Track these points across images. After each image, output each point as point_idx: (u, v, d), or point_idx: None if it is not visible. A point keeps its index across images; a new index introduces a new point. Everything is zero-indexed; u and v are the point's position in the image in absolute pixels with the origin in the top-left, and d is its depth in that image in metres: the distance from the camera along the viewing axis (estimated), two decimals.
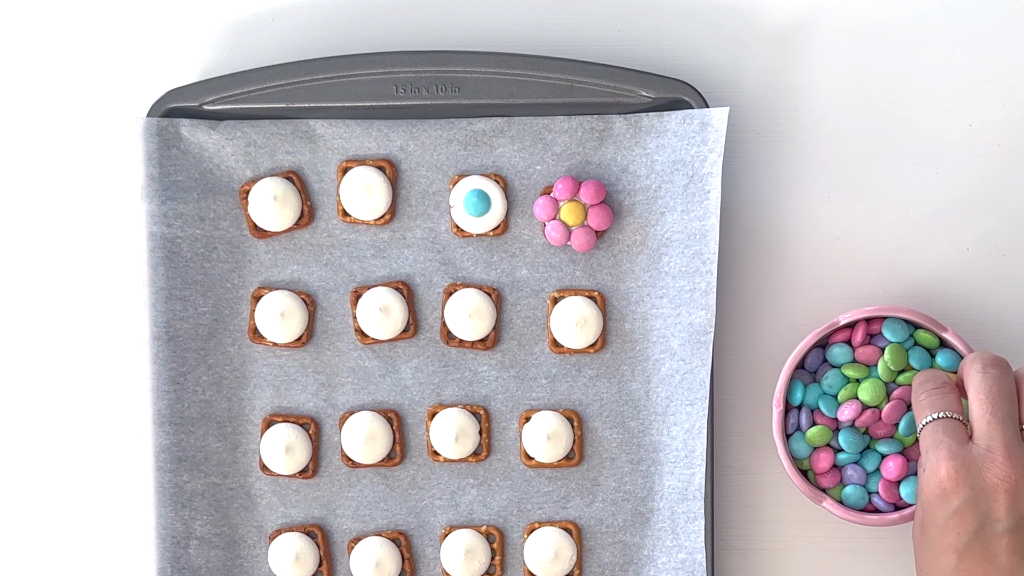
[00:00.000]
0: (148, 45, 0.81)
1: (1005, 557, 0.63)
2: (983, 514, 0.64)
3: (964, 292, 0.79)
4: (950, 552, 0.64)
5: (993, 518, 0.64)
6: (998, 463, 0.64)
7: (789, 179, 0.79)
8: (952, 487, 0.64)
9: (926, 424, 0.68)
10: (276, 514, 0.79)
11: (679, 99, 0.77)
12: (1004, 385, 0.67)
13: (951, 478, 0.64)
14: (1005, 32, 0.79)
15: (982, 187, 0.79)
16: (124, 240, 0.80)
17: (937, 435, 0.66)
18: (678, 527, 0.77)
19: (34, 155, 0.82)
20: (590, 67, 0.77)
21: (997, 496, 0.64)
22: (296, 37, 0.80)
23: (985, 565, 0.64)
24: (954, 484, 0.64)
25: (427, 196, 0.79)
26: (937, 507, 0.65)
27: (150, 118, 0.78)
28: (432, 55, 0.77)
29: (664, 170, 0.77)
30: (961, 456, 0.65)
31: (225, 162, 0.78)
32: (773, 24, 0.80)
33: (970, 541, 0.64)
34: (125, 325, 0.80)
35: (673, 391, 0.77)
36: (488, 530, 0.79)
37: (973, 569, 0.64)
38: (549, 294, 0.79)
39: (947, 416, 0.67)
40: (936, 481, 0.65)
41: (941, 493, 0.65)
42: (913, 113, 0.79)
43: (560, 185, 0.77)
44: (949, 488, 0.64)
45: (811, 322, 0.77)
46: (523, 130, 0.78)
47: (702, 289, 0.76)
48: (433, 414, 0.79)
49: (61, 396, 0.81)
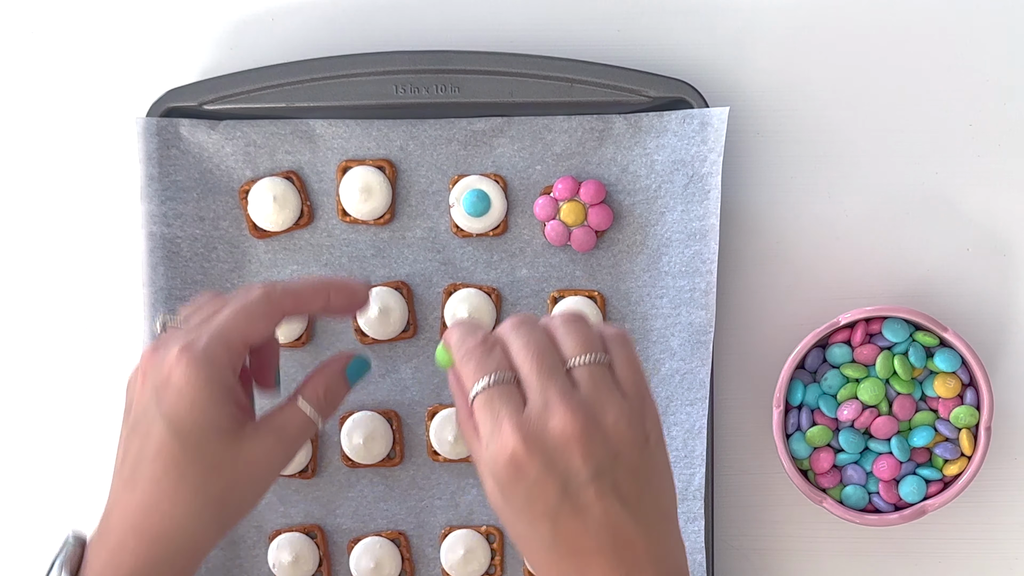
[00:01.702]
0: (148, 45, 0.81)
1: (597, 505, 0.59)
2: (562, 472, 0.59)
3: (964, 292, 0.79)
4: (543, 519, 0.60)
5: (573, 472, 0.59)
6: (559, 414, 0.59)
7: (789, 179, 0.79)
8: (525, 459, 0.59)
9: (479, 393, 0.61)
10: (276, 514, 0.79)
11: (679, 99, 0.77)
12: (539, 338, 0.62)
13: (521, 451, 0.59)
14: (1005, 32, 0.79)
15: (982, 187, 0.79)
16: (124, 240, 0.80)
17: (494, 405, 0.60)
18: None
19: (34, 155, 0.82)
20: (590, 67, 0.77)
21: (569, 449, 0.59)
22: (296, 37, 0.80)
23: (580, 519, 0.59)
24: (526, 456, 0.59)
25: (427, 196, 0.79)
26: (515, 482, 0.60)
27: (150, 118, 0.78)
28: (432, 55, 0.77)
29: (664, 170, 0.77)
30: (523, 425, 0.59)
31: (225, 162, 0.78)
32: (773, 24, 0.80)
33: (559, 503, 0.59)
34: (125, 325, 0.80)
35: (673, 391, 0.77)
36: (488, 530, 0.79)
37: (570, 526, 0.59)
38: (549, 294, 0.79)
39: (499, 381, 0.61)
40: (506, 457, 0.59)
41: (516, 469, 0.59)
42: (913, 113, 0.79)
43: (560, 185, 0.77)
44: (523, 461, 0.59)
45: (811, 322, 0.77)
46: (523, 130, 0.78)
47: (702, 289, 0.76)
48: (433, 414, 0.79)
49: (61, 396, 0.81)
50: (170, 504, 0.64)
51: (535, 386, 0.60)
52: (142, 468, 0.64)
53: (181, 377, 0.64)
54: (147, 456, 0.64)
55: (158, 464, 0.64)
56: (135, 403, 0.66)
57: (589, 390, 0.60)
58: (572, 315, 0.63)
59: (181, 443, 0.64)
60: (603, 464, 0.59)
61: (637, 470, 0.60)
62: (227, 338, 0.65)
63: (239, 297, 0.67)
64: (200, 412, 0.64)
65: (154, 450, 0.64)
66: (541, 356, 0.61)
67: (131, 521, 0.64)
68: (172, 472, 0.64)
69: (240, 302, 0.67)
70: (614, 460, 0.59)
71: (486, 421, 0.61)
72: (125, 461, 0.65)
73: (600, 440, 0.59)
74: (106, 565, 0.64)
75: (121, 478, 0.65)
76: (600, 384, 0.61)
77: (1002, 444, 0.78)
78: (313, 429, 0.69)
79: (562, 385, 0.60)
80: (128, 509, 0.64)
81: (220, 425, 0.64)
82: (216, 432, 0.64)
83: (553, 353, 0.61)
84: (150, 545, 0.64)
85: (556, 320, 0.63)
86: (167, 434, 0.64)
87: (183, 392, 0.64)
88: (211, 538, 0.66)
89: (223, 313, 0.66)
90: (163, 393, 0.64)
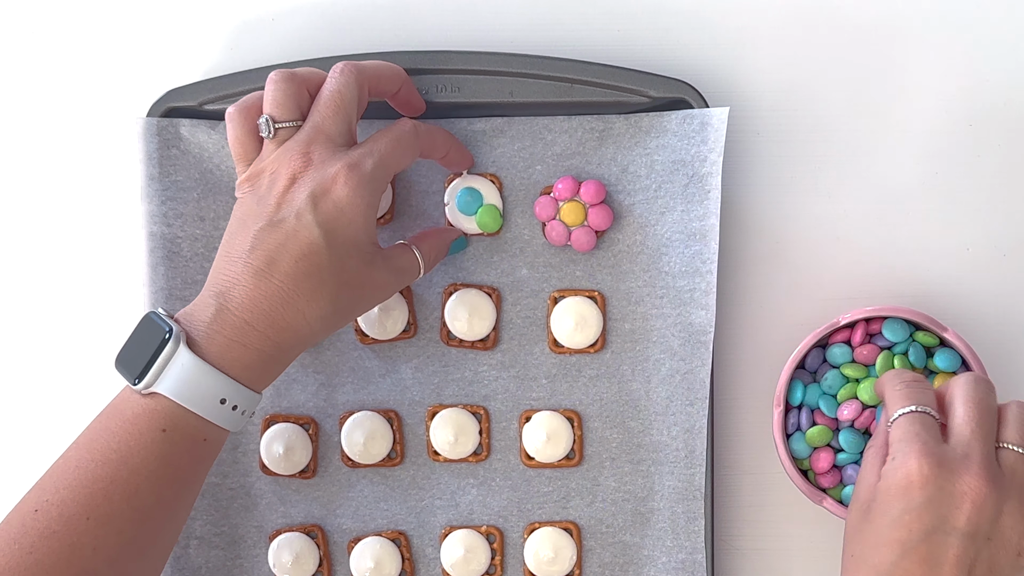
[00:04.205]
0: (148, 45, 0.81)
1: (949, 567, 0.61)
2: (940, 517, 0.61)
3: (964, 292, 0.79)
4: (895, 545, 0.62)
5: (950, 524, 0.61)
6: (972, 472, 0.62)
7: (789, 179, 0.79)
8: (920, 482, 0.62)
9: (902, 414, 0.65)
10: (276, 514, 0.79)
11: (679, 99, 0.77)
12: (992, 402, 0.65)
13: (922, 473, 0.62)
14: (1005, 32, 0.79)
15: (982, 187, 0.79)
16: (124, 240, 0.80)
17: (913, 427, 0.64)
18: (678, 527, 0.77)
19: (35, 155, 0.82)
20: (590, 67, 0.77)
21: (962, 504, 0.61)
22: (296, 37, 0.80)
23: (926, 568, 0.61)
24: (923, 480, 0.62)
25: (427, 196, 0.79)
26: (896, 498, 0.62)
27: (150, 118, 0.78)
28: (432, 55, 0.77)
29: (664, 170, 0.77)
30: (937, 454, 0.62)
31: (225, 162, 0.78)
32: (773, 24, 0.80)
33: (919, 541, 0.61)
34: (125, 325, 0.80)
35: (673, 391, 0.77)
36: (488, 530, 0.79)
37: (913, 569, 0.61)
38: (549, 294, 0.79)
39: (924, 411, 0.65)
40: (904, 472, 0.62)
41: (907, 485, 0.62)
42: (913, 113, 0.79)
43: (560, 185, 0.77)
44: (916, 482, 0.62)
45: (811, 322, 0.77)
46: (523, 130, 0.78)
47: (702, 289, 0.76)
48: (433, 414, 0.79)
49: (61, 397, 0.81)
50: (306, 302, 0.67)
51: (964, 436, 0.63)
52: (282, 262, 0.67)
53: (346, 195, 0.67)
54: (290, 253, 0.67)
55: (303, 264, 0.67)
56: (275, 200, 0.68)
57: (1008, 474, 0.63)
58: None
59: (330, 253, 0.67)
60: (979, 535, 0.61)
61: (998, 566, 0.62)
62: (388, 166, 0.70)
63: (393, 128, 0.71)
64: (353, 231, 0.68)
65: (300, 250, 0.67)
66: (983, 414, 0.64)
67: (263, 307, 0.67)
68: (315, 276, 0.67)
69: (395, 133, 0.71)
70: (987, 541, 0.61)
71: (899, 439, 0.64)
72: (256, 250, 0.67)
73: (989, 518, 0.61)
74: (232, 341, 0.66)
75: (250, 265, 0.67)
76: (1014, 477, 0.63)
77: None
78: (417, 277, 0.74)
79: (989, 451, 0.63)
80: (259, 295, 0.67)
81: (363, 247, 0.69)
82: (358, 252, 0.69)
83: (995, 422, 0.64)
84: (279, 332, 0.67)
85: (1014, 404, 0.66)
86: (321, 241, 0.67)
87: (344, 209, 0.67)
88: (321, 338, 0.70)
89: (382, 141, 0.70)
90: (322, 202, 0.67)
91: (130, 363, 0.67)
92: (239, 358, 0.66)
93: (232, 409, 0.67)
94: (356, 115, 0.71)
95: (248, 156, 0.71)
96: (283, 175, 0.68)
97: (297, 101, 0.70)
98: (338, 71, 0.71)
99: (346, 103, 0.70)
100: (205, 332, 0.66)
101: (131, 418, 0.66)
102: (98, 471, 0.65)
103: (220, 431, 0.68)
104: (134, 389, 0.66)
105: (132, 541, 0.65)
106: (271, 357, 0.67)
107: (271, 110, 0.70)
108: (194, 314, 0.67)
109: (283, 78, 0.70)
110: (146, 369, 0.66)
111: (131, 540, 0.65)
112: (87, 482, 0.65)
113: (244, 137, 0.71)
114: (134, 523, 0.65)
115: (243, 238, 0.68)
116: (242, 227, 0.68)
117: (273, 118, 0.70)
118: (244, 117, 0.71)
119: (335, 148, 0.69)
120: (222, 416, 0.67)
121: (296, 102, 0.70)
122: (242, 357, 0.66)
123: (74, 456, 0.66)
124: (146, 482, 0.66)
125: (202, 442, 0.67)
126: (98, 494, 0.65)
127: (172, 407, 0.66)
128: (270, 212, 0.68)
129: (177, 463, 0.66)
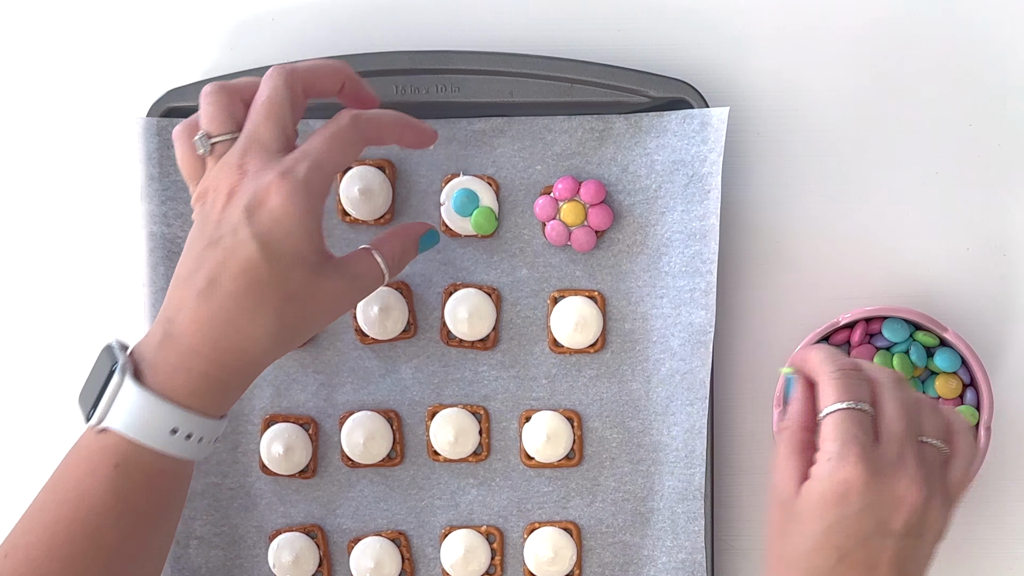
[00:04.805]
0: (148, 45, 0.81)
1: (884, 568, 0.61)
2: (878, 522, 0.60)
3: (964, 292, 0.79)
4: (831, 551, 0.61)
5: (887, 528, 0.60)
6: (909, 475, 0.61)
7: (789, 179, 0.79)
8: (859, 489, 0.60)
9: (837, 410, 0.62)
10: (276, 514, 0.79)
11: (679, 99, 0.77)
12: (917, 401, 0.64)
13: (860, 480, 0.60)
14: (1005, 32, 0.79)
15: (982, 187, 0.79)
16: (124, 240, 0.80)
17: (851, 429, 0.61)
18: (678, 527, 0.77)
19: (35, 155, 0.82)
20: (590, 67, 0.77)
21: (900, 508, 0.60)
22: (296, 37, 0.80)
23: (862, 571, 0.60)
24: (862, 487, 0.60)
25: (427, 196, 0.79)
26: (833, 504, 0.60)
27: (150, 118, 0.78)
28: (432, 55, 0.77)
29: (664, 170, 0.77)
30: (874, 460, 0.61)
31: None
32: (773, 24, 0.80)
33: (856, 546, 0.60)
34: (125, 325, 0.80)
35: (673, 391, 0.77)
36: (488, 530, 0.79)
37: (850, 574, 0.60)
38: (549, 294, 0.79)
39: (860, 408, 0.62)
40: (842, 478, 0.60)
41: (844, 492, 0.60)
42: (913, 113, 0.79)
43: (560, 185, 0.77)
44: (855, 489, 0.60)
45: (811, 322, 0.77)
46: (523, 130, 0.78)
47: (702, 289, 0.76)
48: (433, 414, 0.79)
49: (61, 397, 0.81)
50: (248, 321, 0.65)
51: (897, 437, 0.62)
52: (222, 282, 0.64)
53: (280, 204, 0.64)
54: (230, 271, 0.64)
55: (242, 281, 0.64)
56: (216, 218, 0.65)
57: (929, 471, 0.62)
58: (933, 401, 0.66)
59: (269, 266, 0.64)
60: (912, 534, 0.61)
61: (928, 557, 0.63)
62: (324, 167, 0.66)
63: (329, 125, 0.68)
64: (293, 241, 0.65)
65: (239, 267, 0.64)
66: (912, 417, 0.63)
67: (206, 330, 0.64)
68: (255, 292, 0.64)
69: (331, 130, 0.67)
70: (919, 539, 0.61)
71: (835, 439, 0.62)
72: (198, 272, 0.65)
73: (921, 517, 0.61)
74: (176, 368, 0.65)
75: (193, 288, 0.65)
76: (935, 471, 0.63)
77: (1002, 444, 0.78)
78: (381, 282, 0.70)
79: (918, 451, 0.62)
80: (202, 318, 0.65)
81: (307, 257, 0.65)
82: (302, 263, 0.65)
83: (919, 422, 0.63)
84: (223, 354, 0.65)
85: (926, 399, 0.65)
86: (258, 255, 0.64)
87: (279, 219, 0.64)
88: (275, 356, 0.67)
89: (317, 141, 0.67)
90: (257, 215, 0.64)
91: (85, 399, 0.66)
92: (184, 384, 0.64)
93: (186, 438, 0.65)
94: (292, 119, 0.68)
95: (196, 175, 0.69)
96: (223, 191, 0.66)
97: (231, 112, 0.68)
98: (268, 76, 0.68)
99: (277, 108, 0.67)
100: (151, 361, 0.65)
101: (86, 456, 0.65)
102: (60, 511, 0.64)
103: (179, 462, 0.66)
104: (88, 426, 0.65)
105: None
106: (220, 381, 0.65)
107: (206, 126, 0.68)
108: (144, 343, 0.66)
109: (214, 91, 0.68)
110: (96, 404, 0.65)
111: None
112: (50, 523, 0.64)
113: (190, 156, 0.69)
114: (99, 562, 0.64)
115: (188, 260, 0.66)
116: (188, 249, 0.66)
117: (209, 134, 0.68)
118: (188, 135, 0.69)
119: (269, 156, 0.66)
120: (176, 446, 0.65)
121: (229, 114, 0.68)
122: (188, 384, 0.64)
123: (40, 497, 0.65)
124: (106, 520, 0.64)
125: (159, 474, 0.65)
126: (60, 535, 0.64)
127: (122, 442, 0.64)
128: (211, 231, 0.65)
129: (135, 499, 0.65)
